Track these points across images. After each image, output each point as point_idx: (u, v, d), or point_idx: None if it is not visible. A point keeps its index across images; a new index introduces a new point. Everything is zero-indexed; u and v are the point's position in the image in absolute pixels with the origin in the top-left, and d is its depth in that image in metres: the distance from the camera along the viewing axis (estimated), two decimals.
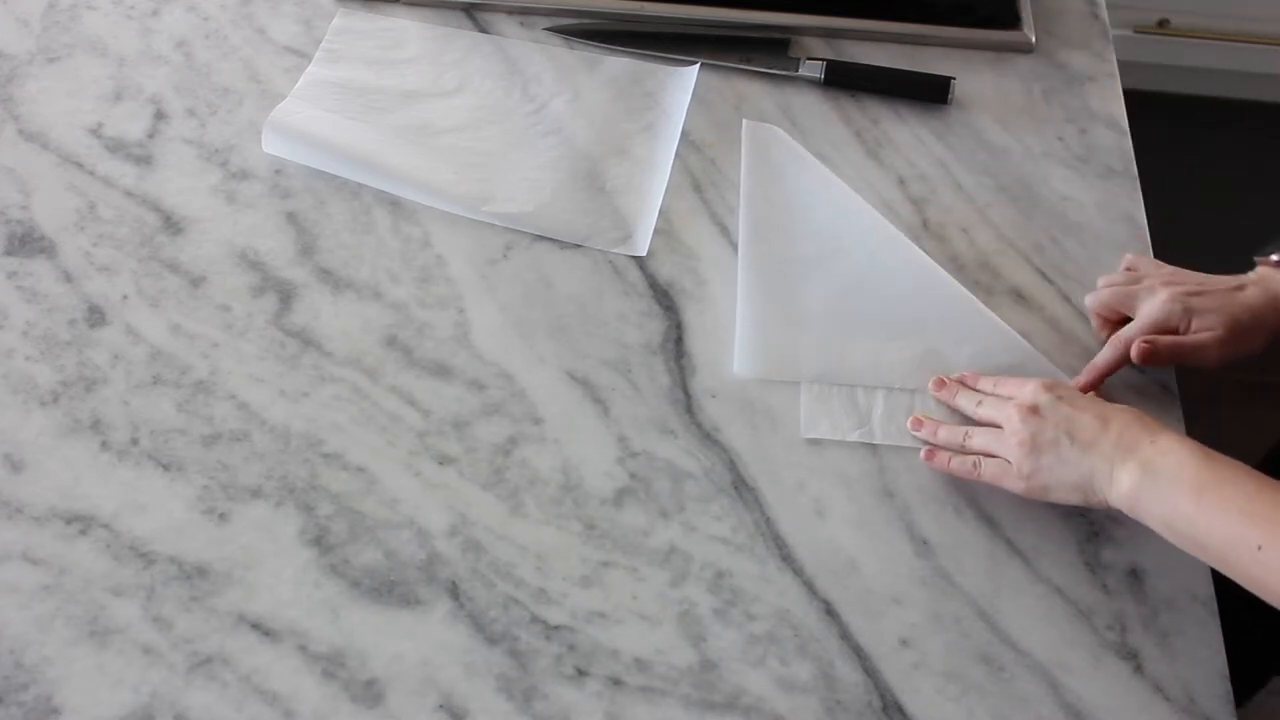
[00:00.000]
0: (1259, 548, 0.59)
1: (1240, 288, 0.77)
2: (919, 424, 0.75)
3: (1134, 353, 0.74)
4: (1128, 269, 0.81)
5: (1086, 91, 0.95)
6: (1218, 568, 0.63)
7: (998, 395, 0.74)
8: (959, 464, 0.72)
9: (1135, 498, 0.65)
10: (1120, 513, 0.66)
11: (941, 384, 0.76)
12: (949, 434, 0.74)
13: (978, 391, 0.75)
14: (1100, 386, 0.76)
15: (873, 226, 0.84)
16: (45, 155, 0.86)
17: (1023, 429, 0.69)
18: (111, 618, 0.66)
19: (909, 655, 0.67)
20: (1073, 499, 0.68)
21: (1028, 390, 0.71)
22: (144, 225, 0.82)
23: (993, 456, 0.71)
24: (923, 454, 0.73)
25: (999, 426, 0.71)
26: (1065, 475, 0.68)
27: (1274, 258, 0.78)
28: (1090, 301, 0.80)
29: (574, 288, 0.81)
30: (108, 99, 0.90)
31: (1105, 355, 0.76)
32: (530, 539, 0.70)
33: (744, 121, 0.89)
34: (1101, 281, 0.80)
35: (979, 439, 0.72)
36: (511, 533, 0.70)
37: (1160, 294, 0.76)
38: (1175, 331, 0.75)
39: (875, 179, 0.88)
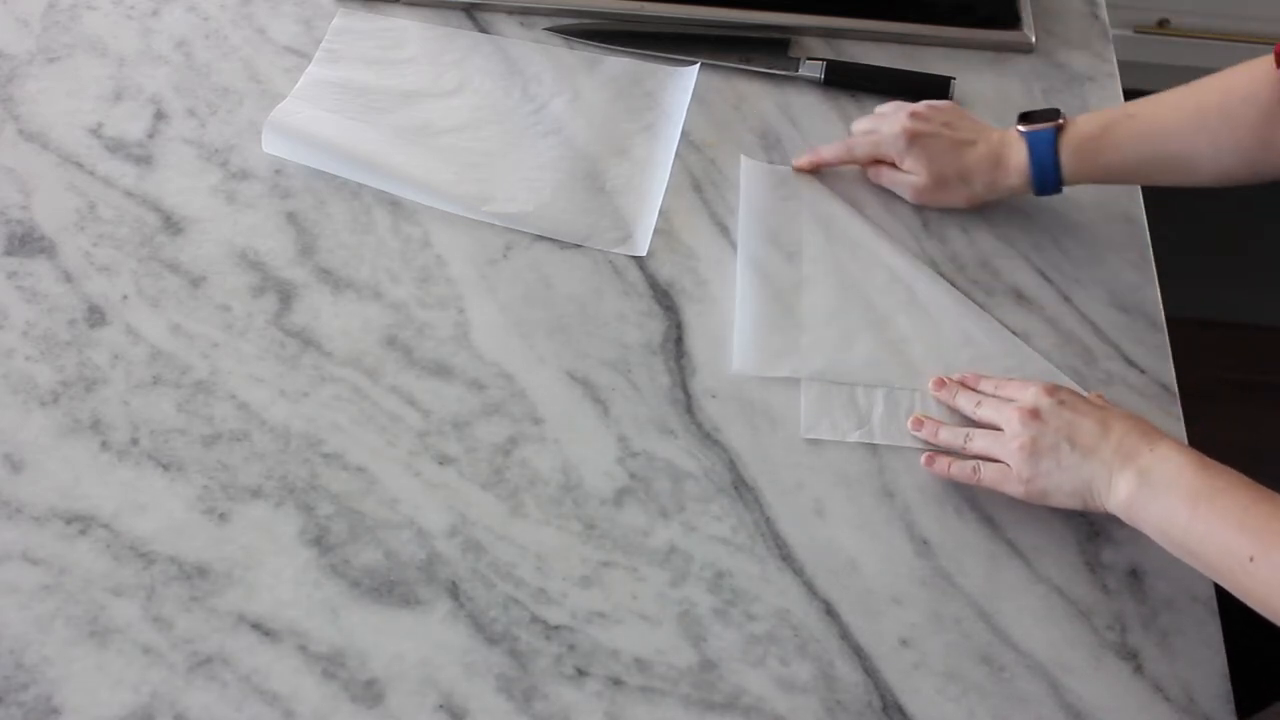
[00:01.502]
0: (1250, 559, 0.59)
1: (970, 143, 0.83)
2: (919, 424, 0.75)
3: (874, 173, 0.86)
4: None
5: (1086, 91, 0.95)
6: (1211, 577, 0.64)
7: (998, 397, 0.73)
8: (959, 469, 0.72)
9: (1132, 505, 0.65)
10: None
11: (942, 384, 0.76)
12: (949, 435, 0.73)
13: (978, 393, 0.75)
14: (1105, 397, 0.75)
15: (874, 237, 0.84)
16: (45, 155, 0.86)
17: (1023, 433, 0.69)
18: (111, 618, 0.66)
19: (909, 655, 0.67)
20: (1071, 504, 0.68)
21: (1029, 394, 0.71)
22: (144, 225, 0.82)
23: (993, 460, 0.71)
24: (923, 460, 0.73)
25: (999, 429, 0.71)
26: (1064, 480, 0.68)
27: (1020, 127, 0.81)
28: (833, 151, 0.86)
29: (574, 288, 0.81)
30: (108, 99, 0.90)
31: (833, 149, 0.86)
32: (530, 539, 0.70)
33: (741, 158, 0.88)
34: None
35: (979, 442, 0.72)
36: (511, 533, 0.70)
37: (899, 123, 0.83)
38: (891, 161, 0.84)
39: None
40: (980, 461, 0.71)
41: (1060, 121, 0.80)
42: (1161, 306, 0.82)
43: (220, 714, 0.63)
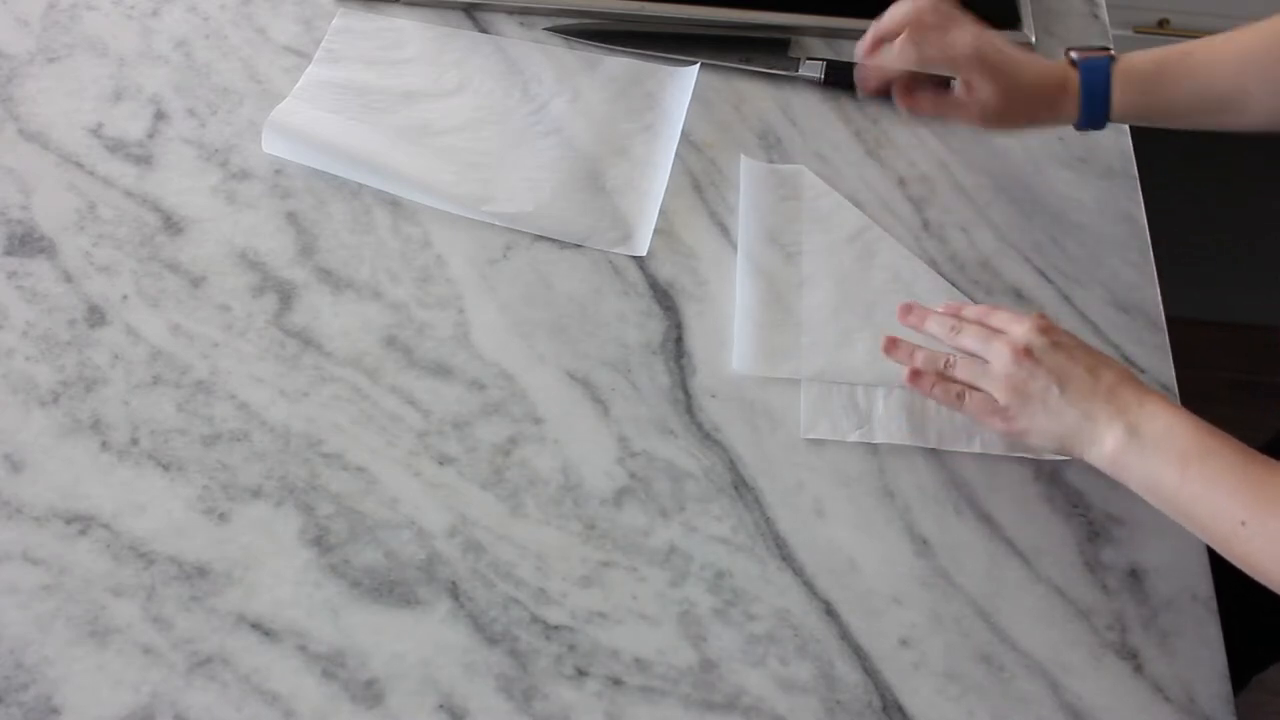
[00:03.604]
0: (1242, 523, 0.59)
1: (1034, 60, 0.80)
2: (893, 344, 0.73)
3: (915, 101, 0.83)
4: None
5: None
6: (1202, 538, 0.63)
7: (985, 326, 0.71)
8: (943, 391, 0.70)
9: (1117, 460, 0.64)
10: (1118, 512, 0.66)
11: (909, 309, 0.74)
12: (928, 359, 0.72)
13: (958, 319, 0.73)
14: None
15: (873, 233, 0.84)
16: (45, 155, 0.86)
17: (1016, 371, 0.67)
18: (111, 618, 0.66)
19: (909, 655, 0.67)
20: (1050, 448, 0.68)
21: (1021, 329, 0.69)
22: (144, 225, 0.82)
23: (975, 390, 0.70)
24: (905, 376, 0.71)
25: (983, 360, 0.70)
26: (1048, 424, 0.67)
27: (1073, 54, 0.80)
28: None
29: (574, 288, 0.81)
30: (108, 99, 0.90)
31: (898, 44, 0.80)
32: (530, 539, 0.70)
33: (741, 158, 0.88)
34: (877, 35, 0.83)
35: (963, 370, 0.70)
36: (511, 533, 0.70)
37: (967, 39, 0.79)
38: (943, 82, 0.80)
39: (875, 179, 0.88)
40: (965, 389, 0.70)
41: (1112, 53, 0.79)
42: (1161, 306, 0.83)
43: (220, 714, 0.63)
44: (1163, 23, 1.73)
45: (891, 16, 0.81)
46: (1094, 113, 0.79)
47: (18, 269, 0.80)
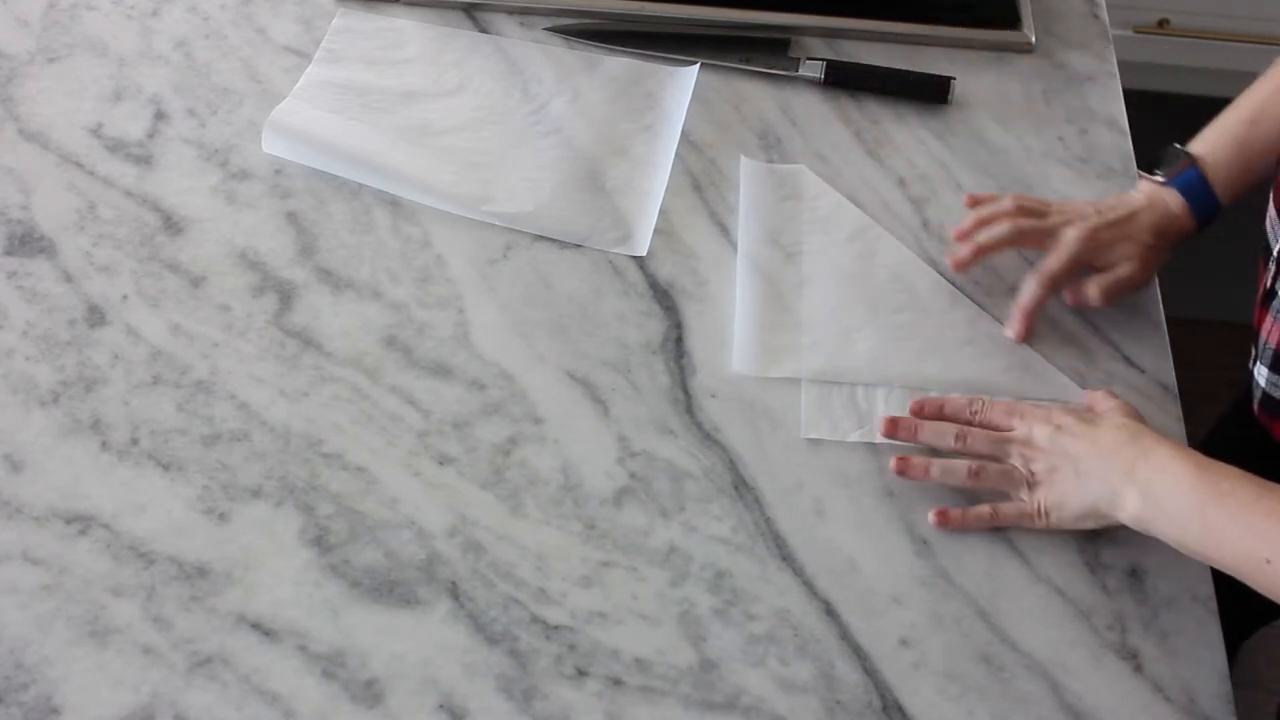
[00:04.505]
0: (1267, 561, 0.60)
1: (1131, 212, 0.80)
2: (893, 426, 0.72)
3: (1087, 297, 0.79)
4: (982, 204, 0.82)
5: (1086, 91, 0.95)
6: (1237, 578, 0.64)
7: (989, 428, 0.72)
8: (976, 516, 0.70)
9: (1141, 520, 0.66)
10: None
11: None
12: (946, 469, 0.71)
13: (960, 426, 0.72)
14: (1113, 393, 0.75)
15: (873, 233, 0.84)
16: (45, 155, 0.86)
17: (1037, 466, 0.69)
18: (111, 618, 0.66)
19: (909, 655, 0.67)
20: (1089, 525, 0.69)
21: (1027, 427, 0.70)
22: (144, 225, 0.82)
23: (993, 459, 0.71)
24: (933, 518, 0.71)
25: (994, 458, 0.71)
26: (1075, 505, 0.68)
27: (1158, 176, 0.81)
28: (997, 237, 0.79)
29: (574, 288, 0.81)
30: (108, 99, 0.90)
31: (1034, 293, 0.78)
32: (530, 539, 0.70)
33: (741, 158, 0.88)
34: (978, 219, 0.81)
35: (992, 479, 0.71)
36: (511, 533, 0.70)
37: (1073, 230, 0.78)
38: (1091, 265, 0.79)
39: (875, 179, 0.88)
40: (995, 504, 0.70)
41: (1193, 158, 0.80)
42: (1161, 306, 0.82)
43: (220, 714, 0.63)
44: (1163, 23, 1.73)
45: (991, 238, 0.80)
46: (1209, 216, 0.81)
47: (18, 269, 0.80)
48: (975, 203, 0.82)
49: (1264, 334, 0.76)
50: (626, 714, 0.64)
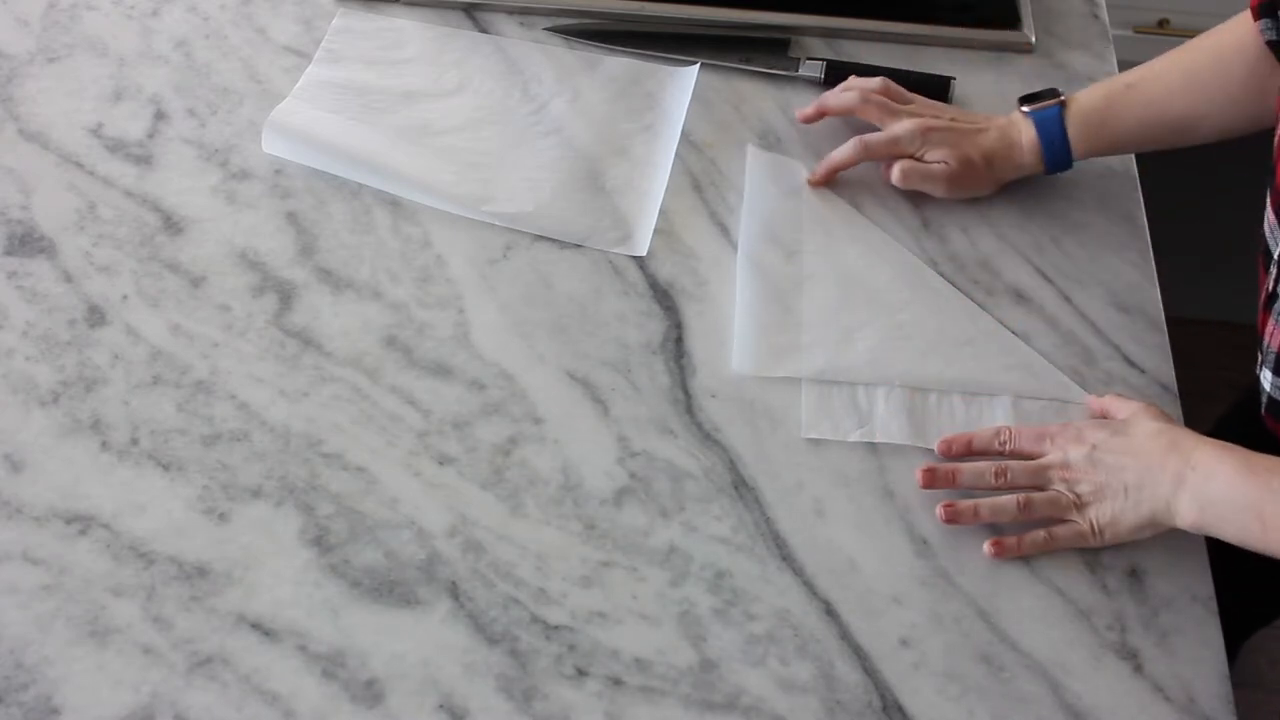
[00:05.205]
0: None
1: (982, 130, 0.84)
2: (930, 476, 0.71)
3: (889, 174, 0.84)
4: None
5: None
6: None
7: (1022, 458, 0.71)
8: (1031, 542, 0.69)
9: (1200, 527, 0.66)
10: None
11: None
12: (973, 477, 0.71)
13: (988, 457, 0.72)
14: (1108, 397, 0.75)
15: (873, 233, 0.84)
16: (45, 155, 0.86)
17: (1081, 488, 0.69)
18: (111, 618, 0.66)
19: (909, 655, 0.67)
20: (1146, 535, 0.69)
21: (1059, 452, 0.70)
22: (144, 225, 0.83)
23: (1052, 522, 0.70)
24: (988, 548, 0.69)
25: (1037, 488, 0.70)
26: (1130, 520, 0.68)
27: (1025, 108, 0.84)
28: (845, 101, 0.86)
29: (574, 288, 0.81)
30: (108, 99, 0.90)
31: (845, 151, 0.84)
32: (530, 539, 0.70)
33: (748, 148, 0.88)
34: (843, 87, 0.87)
35: (1041, 508, 0.70)
36: (511, 533, 0.70)
37: (909, 122, 0.83)
38: (914, 157, 0.84)
39: (875, 179, 0.88)
40: (1051, 528, 0.70)
41: (1062, 99, 0.82)
42: (1161, 306, 0.83)
43: (220, 714, 0.63)
44: (1163, 23, 1.73)
45: (839, 101, 0.86)
46: (1056, 159, 0.83)
47: (18, 269, 0.80)
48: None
49: (1267, 338, 0.76)
50: (626, 714, 0.64)
